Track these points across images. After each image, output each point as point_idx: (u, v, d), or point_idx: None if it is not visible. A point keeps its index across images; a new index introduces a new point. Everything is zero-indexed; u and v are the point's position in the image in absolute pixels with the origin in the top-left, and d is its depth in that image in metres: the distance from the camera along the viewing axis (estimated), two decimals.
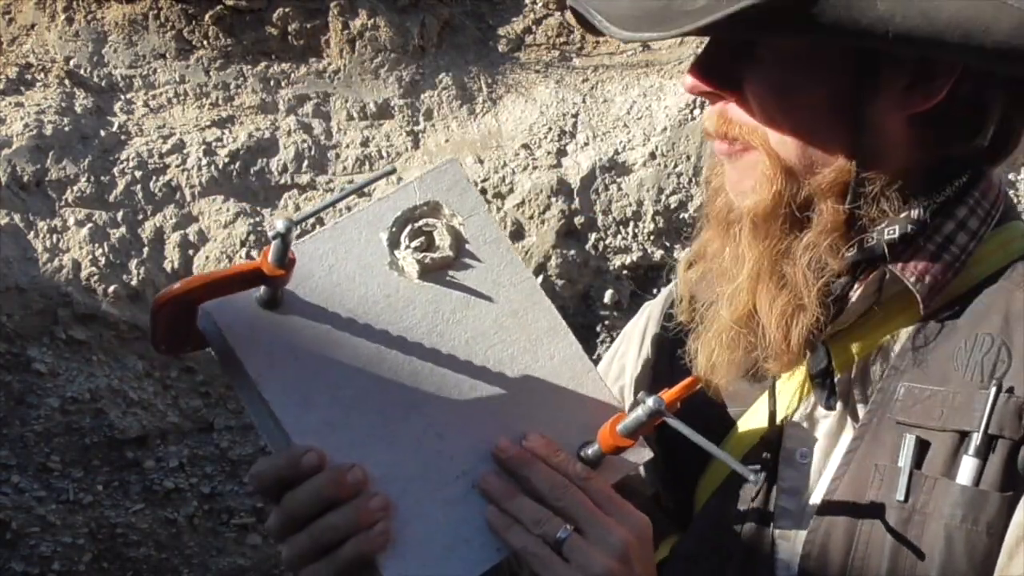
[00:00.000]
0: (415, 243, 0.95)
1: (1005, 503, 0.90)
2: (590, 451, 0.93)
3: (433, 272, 0.95)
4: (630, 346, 1.21)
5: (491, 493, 0.91)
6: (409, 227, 0.96)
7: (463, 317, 0.95)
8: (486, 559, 0.90)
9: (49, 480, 3.06)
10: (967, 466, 0.91)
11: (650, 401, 0.89)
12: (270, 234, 0.85)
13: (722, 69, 0.95)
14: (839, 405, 0.99)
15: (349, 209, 3.27)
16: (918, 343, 0.97)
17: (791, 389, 1.02)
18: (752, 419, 1.05)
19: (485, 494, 0.91)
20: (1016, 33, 0.84)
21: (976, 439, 0.91)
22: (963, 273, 0.96)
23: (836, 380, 0.99)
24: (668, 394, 0.91)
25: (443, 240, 0.96)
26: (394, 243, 0.95)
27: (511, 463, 0.92)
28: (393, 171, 0.98)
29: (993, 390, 0.91)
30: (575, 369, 0.96)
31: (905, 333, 0.98)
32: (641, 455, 0.97)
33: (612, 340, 3.42)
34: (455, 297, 0.95)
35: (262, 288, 0.90)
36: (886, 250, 0.94)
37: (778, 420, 1.02)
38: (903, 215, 0.94)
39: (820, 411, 1.01)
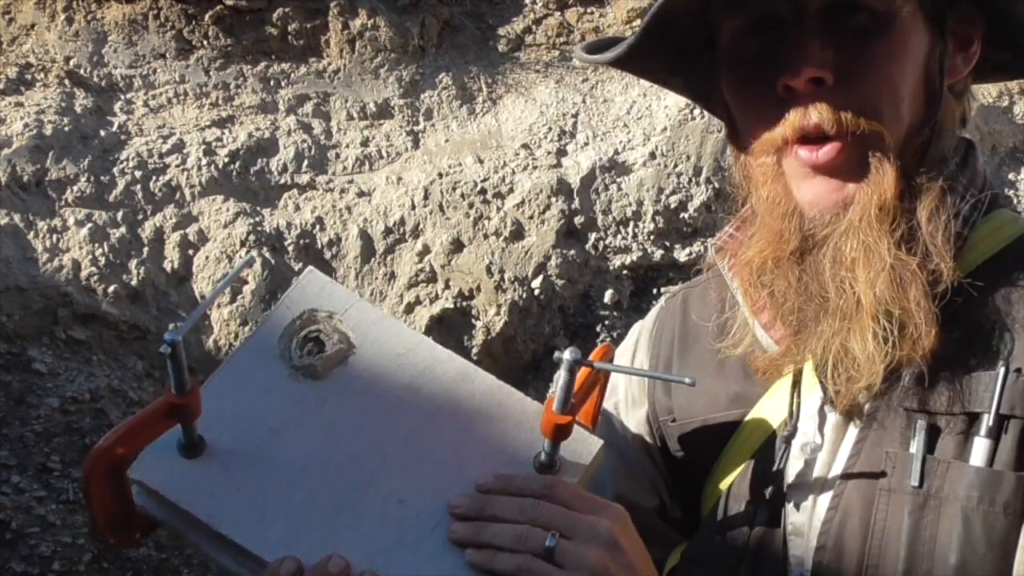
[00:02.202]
0: (306, 349, 1.01)
1: (1020, 482, 0.90)
2: (543, 457, 0.95)
3: (333, 367, 1.00)
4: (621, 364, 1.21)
5: (463, 540, 0.91)
6: (295, 339, 1.01)
7: (377, 394, 0.99)
8: None
9: (49, 480, 3.06)
10: (980, 447, 0.91)
11: (566, 354, 0.90)
12: (162, 349, 0.87)
13: (829, 53, 0.93)
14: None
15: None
16: None
17: (788, 384, 1.02)
18: (757, 418, 1.05)
19: (459, 544, 0.92)
20: None
21: (988, 420, 0.91)
22: (959, 260, 0.97)
23: None
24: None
25: (330, 338, 1.01)
26: (286, 357, 1.00)
27: (471, 512, 0.92)
28: (252, 262, 1.06)
29: (1002, 370, 0.91)
30: (498, 397, 1.00)
31: None
32: (592, 444, 0.98)
33: (612, 340, 3.42)
34: (363, 380, 1.00)
35: (181, 436, 0.94)
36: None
37: (784, 416, 1.02)
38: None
39: (827, 406, 1.00)
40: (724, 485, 1.06)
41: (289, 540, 0.91)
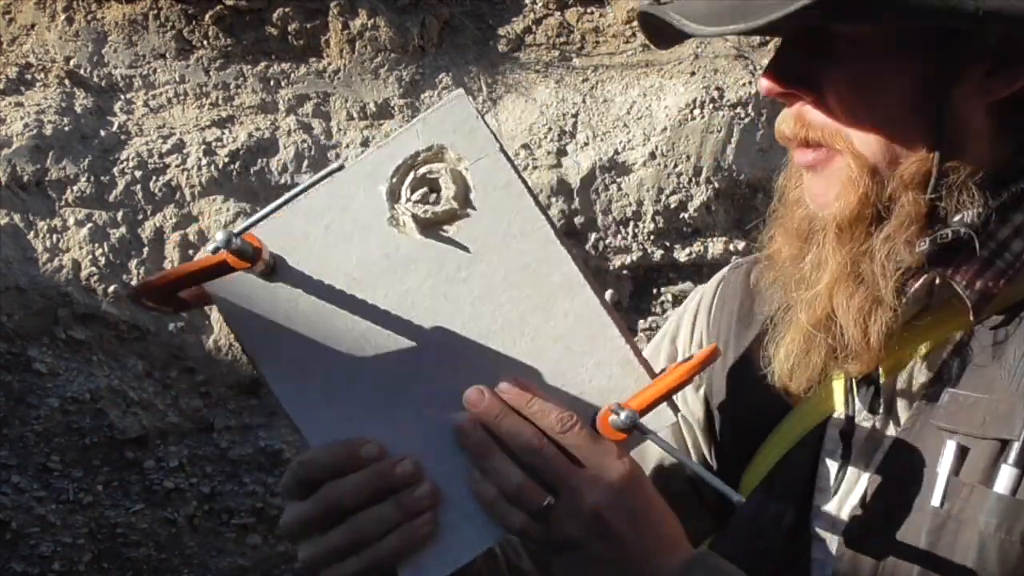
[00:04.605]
0: (417, 195, 0.88)
1: None
2: (623, 415, 0.85)
3: (436, 226, 0.87)
4: (681, 328, 1.21)
5: (469, 446, 0.87)
6: (411, 176, 0.88)
7: (468, 275, 0.87)
8: (488, 537, 0.87)
9: (49, 480, 3.06)
10: (1005, 475, 0.90)
11: (623, 415, 0.84)
12: (209, 247, 0.82)
13: (799, 69, 0.93)
14: (882, 408, 0.99)
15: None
16: (966, 351, 0.96)
17: (840, 389, 1.02)
18: (798, 417, 1.05)
19: (463, 445, 0.86)
20: None
21: (1016, 448, 0.90)
22: (1017, 281, 0.94)
23: (882, 384, 0.99)
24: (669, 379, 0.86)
25: (448, 189, 0.87)
26: (394, 196, 0.88)
27: (483, 417, 0.87)
28: (341, 168, 0.89)
29: None
30: (592, 328, 0.87)
31: (953, 340, 0.97)
32: (664, 418, 0.88)
33: None
34: (460, 254, 0.87)
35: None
36: (966, 237, 0.93)
37: (827, 414, 1.02)
38: (974, 210, 0.93)
39: (864, 413, 1.00)
40: (759, 478, 1.06)
41: (318, 405, 0.86)
